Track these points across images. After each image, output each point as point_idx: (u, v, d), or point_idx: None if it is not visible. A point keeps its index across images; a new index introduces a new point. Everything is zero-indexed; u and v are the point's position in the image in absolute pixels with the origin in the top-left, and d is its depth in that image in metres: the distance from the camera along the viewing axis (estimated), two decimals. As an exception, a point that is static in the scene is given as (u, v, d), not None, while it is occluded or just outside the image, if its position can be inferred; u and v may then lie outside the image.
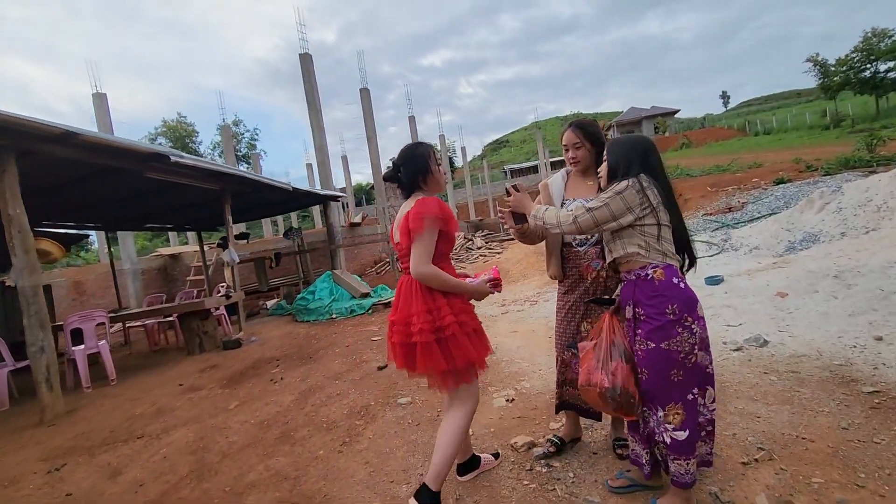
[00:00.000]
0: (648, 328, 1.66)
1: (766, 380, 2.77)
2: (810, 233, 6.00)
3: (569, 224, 1.75)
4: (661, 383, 1.65)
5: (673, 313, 1.63)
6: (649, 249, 1.70)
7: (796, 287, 4.02)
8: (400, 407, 3.32)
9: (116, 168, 5.15)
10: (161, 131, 38.30)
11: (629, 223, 1.70)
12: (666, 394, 1.65)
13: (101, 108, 11.71)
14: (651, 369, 1.67)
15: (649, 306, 1.67)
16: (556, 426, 2.63)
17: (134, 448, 3.31)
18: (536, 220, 1.88)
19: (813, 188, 8.69)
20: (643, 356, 1.68)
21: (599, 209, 1.70)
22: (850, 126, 27.78)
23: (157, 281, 13.21)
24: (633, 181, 1.70)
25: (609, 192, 1.71)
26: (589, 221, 1.72)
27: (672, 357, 1.62)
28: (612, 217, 1.69)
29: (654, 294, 1.67)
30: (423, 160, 1.97)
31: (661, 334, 1.63)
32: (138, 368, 6.01)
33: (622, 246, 1.74)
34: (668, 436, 1.64)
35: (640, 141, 1.83)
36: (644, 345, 1.67)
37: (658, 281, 1.67)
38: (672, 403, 1.64)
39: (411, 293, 1.90)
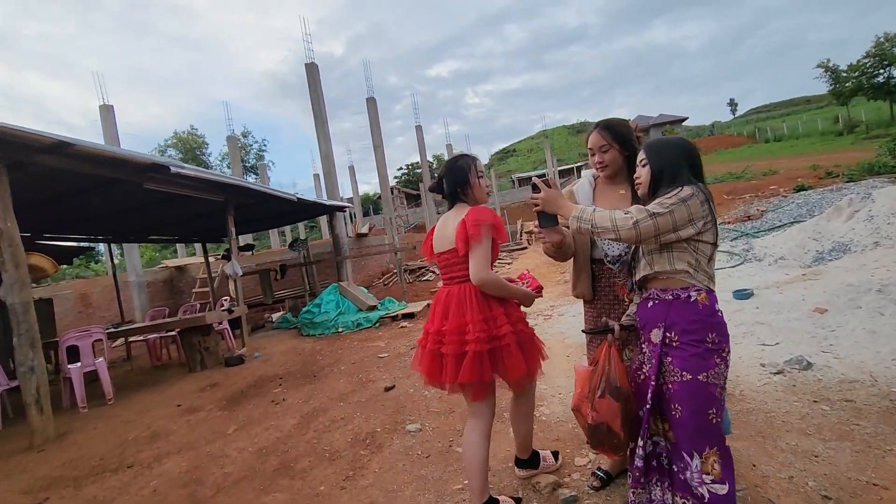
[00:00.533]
0: (685, 356, 1.45)
1: (818, 410, 2.48)
2: (840, 242, 5.68)
3: (627, 229, 1.44)
4: (698, 423, 1.44)
5: (713, 342, 1.45)
6: (698, 270, 1.49)
7: (836, 302, 3.72)
8: (409, 435, 3.06)
9: (115, 179, 4.98)
10: (171, 143, 38.64)
11: (688, 237, 1.47)
12: (702, 436, 1.43)
13: (108, 119, 11.69)
14: (687, 406, 1.45)
15: (689, 332, 1.46)
16: (583, 462, 2.35)
17: (123, 479, 3.07)
18: (580, 224, 1.50)
19: (838, 195, 8.36)
20: (677, 389, 1.46)
21: (663, 216, 1.43)
22: (864, 132, 27.28)
23: (163, 293, 13.08)
24: (696, 189, 1.47)
25: (672, 197, 1.46)
26: (650, 229, 1.43)
27: (710, 392, 1.43)
28: (674, 227, 1.45)
29: (695, 319, 1.46)
30: (463, 172, 2.00)
31: (699, 364, 1.43)
32: (138, 386, 5.79)
33: (669, 261, 1.49)
34: (707, 489, 1.41)
35: (684, 143, 1.61)
36: (678, 376, 1.46)
37: (702, 305, 1.47)
38: (709, 449, 1.42)
39: (465, 302, 1.89)
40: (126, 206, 6.72)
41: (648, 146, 1.61)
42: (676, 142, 1.60)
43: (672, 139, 1.62)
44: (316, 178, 31.28)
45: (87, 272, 29.32)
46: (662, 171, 1.53)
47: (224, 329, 7.10)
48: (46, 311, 7.25)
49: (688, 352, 1.45)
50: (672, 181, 1.51)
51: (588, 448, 2.48)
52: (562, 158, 56.79)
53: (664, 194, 1.48)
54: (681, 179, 1.50)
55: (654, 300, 1.56)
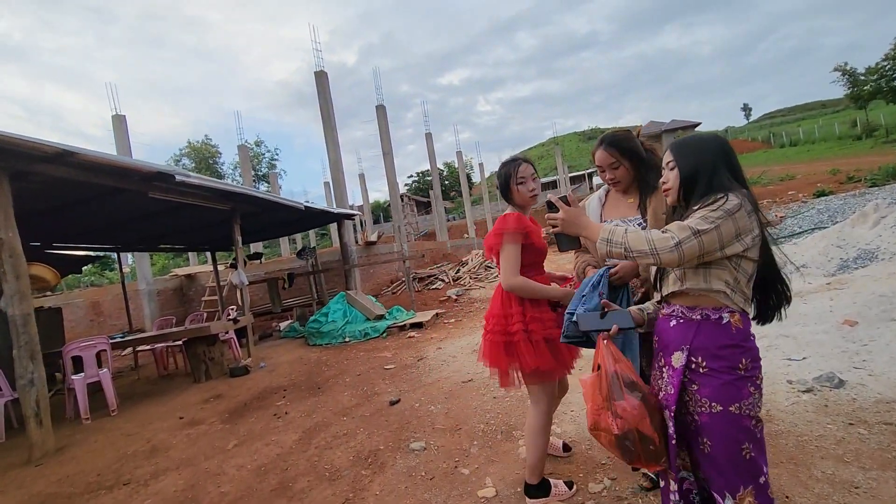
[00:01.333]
0: (715, 385, 1.28)
1: (855, 434, 2.28)
2: (866, 249, 5.44)
3: (668, 251, 1.23)
4: (730, 460, 1.27)
5: (745, 369, 1.27)
6: (736, 291, 1.29)
7: (867, 314, 3.50)
8: (412, 454, 2.92)
9: (120, 188, 4.94)
10: (185, 152, 39.17)
11: (734, 254, 1.27)
12: (736, 474, 1.26)
13: (121, 129, 11.81)
14: (717, 440, 1.28)
15: (719, 358, 1.28)
16: (598, 488, 2.19)
17: (118, 497, 2.97)
18: (612, 247, 1.30)
19: (860, 200, 8.08)
20: (706, 422, 1.29)
21: (709, 233, 1.23)
22: (884, 136, 26.68)
23: (172, 302, 13.12)
24: (741, 198, 1.27)
25: (717, 210, 1.25)
26: (694, 249, 1.23)
27: (744, 424, 1.26)
28: (720, 246, 1.25)
29: (729, 344, 1.28)
30: (504, 179, 2.12)
31: (730, 394, 1.26)
32: (143, 396, 5.73)
33: (705, 278, 1.30)
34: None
35: (719, 141, 1.39)
36: (707, 407, 1.29)
37: (735, 328, 1.29)
38: (743, 489, 1.25)
39: (495, 298, 2.14)
40: (134, 215, 6.71)
41: (677, 146, 1.41)
42: (710, 139, 1.39)
43: (705, 136, 1.42)
44: (327, 186, 31.44)
45: (101, 280, 29.72)
46: (695, 174, 1.34)
47: (230, 338, 7.03)
48: (56, 320, 7.26)
49: (719, 380, 1.28)
50: (709, 187, 1.31)
51: (604, 472, 2.32)
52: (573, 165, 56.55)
53: (703, 203, 1.29)
54: (719, 185, 1.31)
55: (679, 319, 1.38)
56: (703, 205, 1.28)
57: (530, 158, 2.16)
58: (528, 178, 2.10)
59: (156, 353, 7.07)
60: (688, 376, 1.33)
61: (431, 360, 5.29)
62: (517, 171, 2.09)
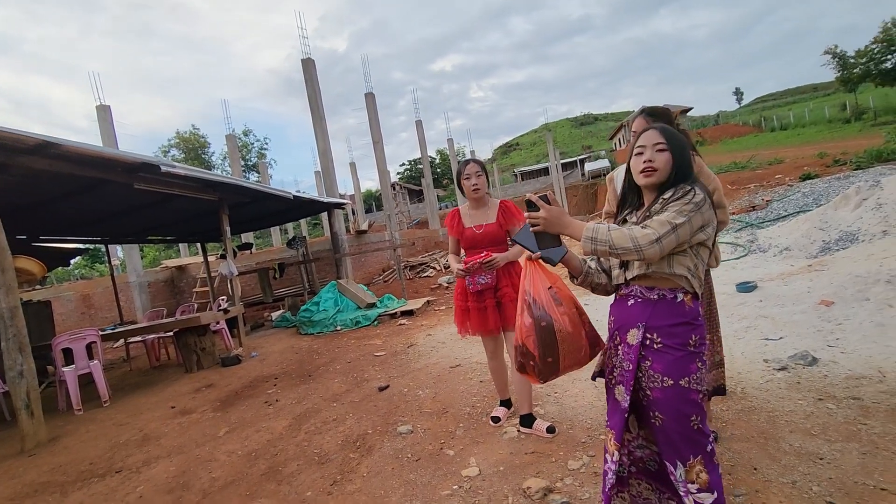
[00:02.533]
0: (668, 361, 1.35)
1: (823, 408, 2.36)
2: (847, 231, 5.53)
3: (650, 246, 1.28)
4: (681, 431, 1.34)
5: (695, 345, 1.36)
6: (694, 276, 1.38)
7: (843, 294, 3.59)
8: (400, 437, 2.98)
9: (104, 180, 4.91)
10: (174, 143, 38.66)
11: (697, 242, 1.36)
12: (686, 444, 1.34)
13: (105, 120, 11.62)
14: (669, 414, 1.36)
15: (672, 335, 1.36)
16: (576, 465, 2.26)
17: (110, 485, 3.01)
18: (596, 245, 1.31)
19: (845, 183, 8.18)
20: (658, 396, 1.37)
21: (683, 227, 1.30)
22: (872, 119, 26.86)
23: (163, 293, 13.09)
24: (703, 192, 1.35)
25: (689, 203, 1.32)
26: (672, 243, 1.30)
27: (692, 398, 1.34)
28: (690, 236, 1.33)
29: (682, 321, 1.36)
30: (456, 175, 2.76)
31: (680, 369, 1.34)
32: (135, 387, 5.76)
33: (669, 264, 1.37)
34: (693, 500, 1.32)
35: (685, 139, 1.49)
36: (659, 381, 1.36)
37: (688, 307, 1.37)
38: (693, 457, 1.33)
39: None
40: (122, 207, 6.67)
41: (668, 132, 1.42)
42: (681, 136, 1.47)
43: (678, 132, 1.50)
44: (317, 174, 31.21)
45: (92, 273, 29.51)
46: (682, 163, 1.40)
47: (221, 329, 7.06)
48: (45, 313, 7.24)
49: (671, 356, 1.35)
50: (685, 178, 1.39)
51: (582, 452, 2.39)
52: (565, 151, 56.48)
53: (674, 196, 1.34)
54: (691, 177, 1.39)
55: (636, 298, 1.44)
56: (675, 197, 1.34)
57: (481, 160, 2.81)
58: (472, 175, 2.63)
59: (147, 345, 7.08)
60: (643, 353, 1.40)
61: (421, 346, 5.36)
62: (464, 170, 2.66)
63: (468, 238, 2.70)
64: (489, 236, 2.66)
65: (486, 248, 2.64)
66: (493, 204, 2.72)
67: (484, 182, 2.69)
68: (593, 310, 5.27)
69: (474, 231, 2.69)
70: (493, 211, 2.69)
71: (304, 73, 11.49)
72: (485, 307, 2.62)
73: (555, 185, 28.47)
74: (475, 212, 2.73)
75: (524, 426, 2.69)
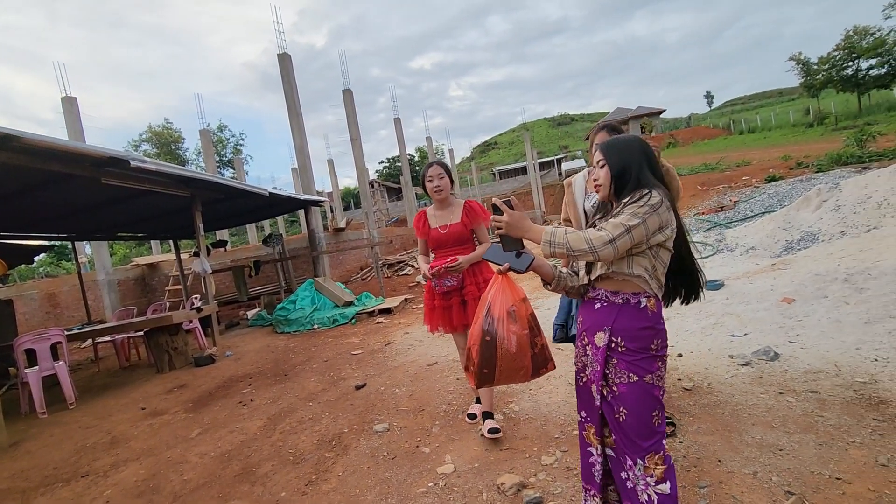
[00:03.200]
0: (630, 360, 1.43)
1: (783, 402, 2.47)
2: (809, 232, 5.77)
3: (605, 247, 1.34)
4: (642, 427, 1.41)
5: (657, 349, 1.43)
6: (652, 277, 1.43)
7: (803, 292, 3.75)
8: (376, 435, 2.98)
9: (70, 174, 4.74)
10: (146, 137, 37.47)
11: (656, 243, 1.40)
12: (646, 439, 1.41)
13: (72, 112, 11.16)
14: (631, 408, 1.42)
15: (635, 339, 1.42)
16: (550, 461, 2.31)
17: (75, 490, 2.93)
18: (554, 248, 1.38)
19: (807, 185, 8.51)
20: (624, 392, 1.43)
21: (637, 228, 1.34)
22: (833, 123, 27.96)
23: (134, 292, 12.71)
24: (662, 195, 1.39)
25: (644, 206, 1.36)
26: (627, 244, 1.35)
27: (654, 394, 1.41)
28: (646, 237, 1.37)
29: (645, 326, 1.42)
30: (421, 177, 2.81)
31: (644, 367, 1.41)
32: (103, 389, 5.59)
33: (628, 264, 1.42)
34: (652, 492, 1.38)
35: (640, 141, 1.52)
36: (625, 377, 1.42)
37: (651, 312, 1.43)
38: (653, 452, 1.40)
39: None
40: (89, 203, 6.45)
41: (606, 147, 1.52)
42: (633, 140, 1.52)
43: (628, 137, 1.54)
44: (294, 171, 30.74)
45: (58, 271, 28.37)
46: (623, 171, 1.46)
47: (195, 328, 6.90)
48: (6, 312, 6.96)
49: (635, 357, 1.42)
50: (637, 183, 1.43)
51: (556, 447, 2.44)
52: (542, 151, 57.01)
53: (631, 199, 1.40)
54: (645, 181, 1.43)
55: (603, 302, 1.50)
56: (632, 200, 1.39)
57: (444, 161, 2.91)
58: (435, 177, 2.72)
59: (116, 345, 6.87)
60: (609, 353, 1.46)
61: (398, 344, 5.35)
62: (427, 172, 2.75)
63: (434, 239, 2.77)
64: (454, 236, 2.72)
65: (451, 247, 2.74)
66: (458, 204, 2.78)
67: (447, 183, 2.74)
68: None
69: (439, 231, 2.75)
70: (457, 211, 2.75)
71: (281, 69, 11.29)
72: (450, 305, 2.72)
73: (532, 185, 28.75)
74: (440, 212, 2.80)
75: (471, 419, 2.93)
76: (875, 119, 23.56)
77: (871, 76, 29.14)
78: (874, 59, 28.24)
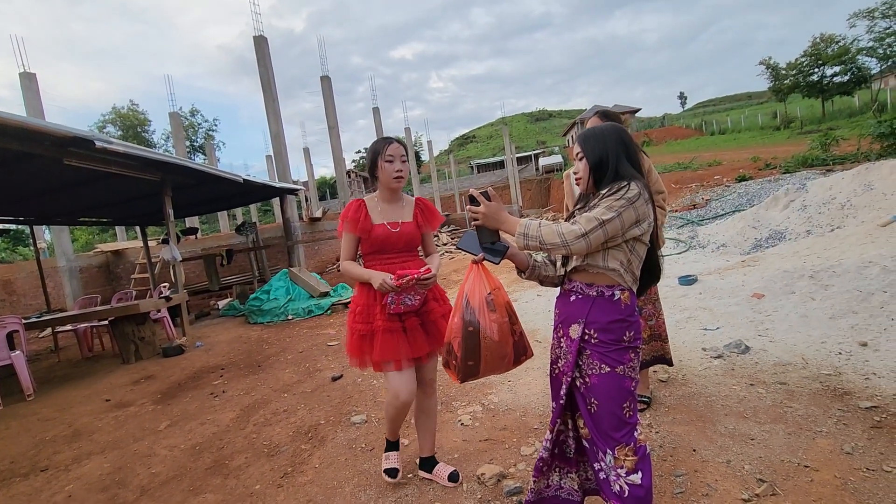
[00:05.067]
0: (603, 351, 1.42)
1: (754, 393, 2.55)
2: (776, 230, 5.97)
3: (577, 241, 1.32)
4: (613, 418, 1.40)
5: (629, 340, 1.43)
6: (627, 270, 1.42)
7: (772, 288, 3.88)
8: (353, 427, 2.94)
9: (29, 154, 4.48)
10: (110, 119, 35.91)
11: (632, 237, 1.39)
12: (618, 430, 1.40)
13: (31, 89, 10.58)
14: (602, 399, 1.41)
15: (608, 331, 1.42)
16: (529, 451, 2.31)
17: (34, 485, 2.79)
18: (527, 241, 1.38)
19: (775, 186, 8.81)
20: (595, 382, 1.43)
21: (612, 221, 1.33)
22: (798, 127, 29.03)
23: (98, 280, 12.21)
24: (640, 188, 1.37)
25: (620, 199, 1.35)
26: (600, 237, 1.33)
27: (625, 386, 1.41)
28: (622, 231, 1.36)
29: (617, 319, 1.42)
30: (373, 154, 2.05)
31: (616, 358, 1.41)
32: (64, 380, 5.35)
33: (604, 258, 1.41)
34: (623, 483, 1.38)
35: (618, 130, 1.49)
36: (597, 368, 1.42)
37: (624, 304, 1.42)
38: (624, 444, 1.39)
39: None
40: (50, 185, 6.11)
41: (583, 138, 1.50)
42: (611, 130, 1.49)
43: (605, 127, 1.51)
44: (269, 159, 30.04)
45: (14, 257, 27.03)
46: (601, 162, 1.44)
47: (163, 318, 6.68)
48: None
49: (607, 348, 1.42)
50: (616, 174, 1.42)
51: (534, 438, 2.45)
52: (520, 146, 57.37)
53: (609, 191, 1.38)
54: (624, 172, 1.41)
55: (578, 294, 1.49)
56: (610, 192, 1.37)
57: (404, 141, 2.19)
58: (397, 158, 2.02)
59: (78, 334, 6.58)
60: (582, 345, 1.46)
61: (376, 336, 5.30)
62: (386, 149, 2.00)
63: (378, 238, 2.04)
64: (406, 237, 2.08)
65: (399, 252, 2.09)
66: (409, 201, 2.19)
67: (408, 169, 2.12)
68: (546, 300, 5.40)
69: (388, 229, 2.05)
70: (408, 208, 2.16)
71: (257, 51, 10.97)
72: (400, 328, 2.01)
73: (510, 179, 28.90)
74: (388, 206, 2.10)
75: (424, 470, 2.25)
76: (837, 124, 24.58)
77: (835, 83, 30.32)
78: (838, 66, 29.37)
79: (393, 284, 1.87)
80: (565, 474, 1.60)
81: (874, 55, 27.70)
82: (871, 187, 5.64)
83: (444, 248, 14.02)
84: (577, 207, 1.56)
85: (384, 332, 1.96)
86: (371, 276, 1.94)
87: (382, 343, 1.96)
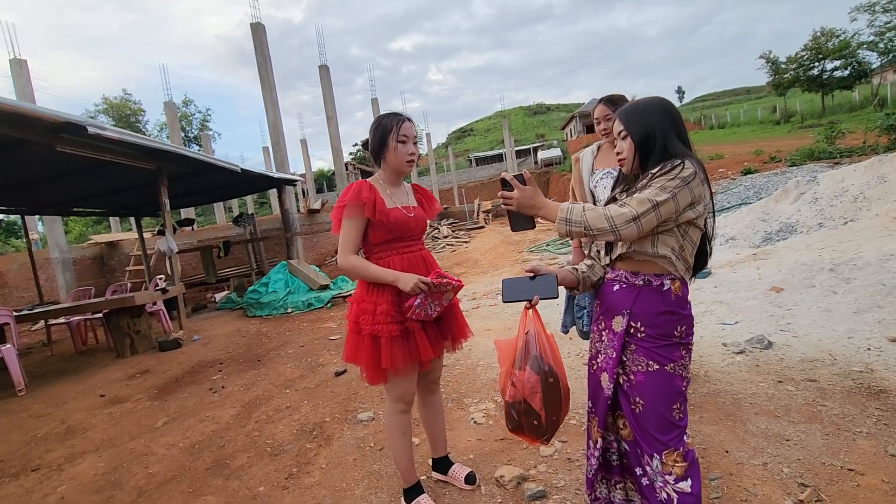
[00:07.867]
0: (650, 347, 1.28)
1: (784, 390, 2.43)
2: (787, 223, 5.85)
3: (627, 226, 1.18)
4: (660, 420, 1.27)
5: (680, 336, 1.29)
6: (679, 258, 1.28)
7: (791, 281, 3.76)
8: (360, 425, 2.82)
9: (20, 140, 4.30)
10: (102, 109, 35.39)
11: (685, 220, 1.24)
12: (665, 433, 1.27)
13: (21, 75, 10.33)
14: (649, 399, 1.28)
15: (656, 325, 1.28)
16: (549, 451, 2.19)
17: (24, 485, 2.65)
18: (571, 226, 1.22)
19: (782, 178, 8.70)
20: (641, 381, 1.29)
21: (665, 204, 1.19)
22: (799, 121, 28.95)
23: (91, 271, 12.02)
24: (696, 166, 1.23)
25: (674, 178, 1.20)
26: (652, 221, 1.20)
27: (675, 385, 1.28)
28: (675, 214, 1.22)
29: (666, 310, 1.28)
30: (382, 132, 1.77)
31: (665, 355, 1.27)
32: (57, 374, 5.20)
33: (652, 242, 1.27)
34: (671, 490, 1.25)
35: (663, 102, 1.34)
36: (643, 365, 1.29)
37: (675, 295, 1.28)
38: (672, 448, 1.26)
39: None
40: (43, 173, 5.93)
41: (625, 113, 1.34)
42: (655, 103, 1.33)
43: (649, 100, 1.35)
44: (265, 150, 29.74)
45: (6, 248, 26.70)
46: (648, 139, 1.29)
47: (159, 310, 6.52)
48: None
49: (654, 344, 1.28)
50: (664, 151, 1.27)
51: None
52: (518, 139, 57.17)
53: (661, 171, 1.24)
54: (674, 150, 1.26)
55: (622, 284, 1.35)
56: (662, 172, 1.23)
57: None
58: (410, 139, 1.79)
59: (72, 327, 6.41)
60: (627, 339, 1.32)
61: (379, 329, 5.17)
62: (399, 127, 1.75)
63: (398, 223, 1.78)
64: (421, 223, 1.90)
65: (415, 238, 1.89)
66: (406, 186, 1.98)
67: (418, 152, 1.91)
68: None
69: (404, 213, 1.82)
70: (410, 194, 1.96)
71: (254, 39, 10.73)
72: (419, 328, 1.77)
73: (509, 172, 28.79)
74: (395, 189, 1.88)
75: (438, 472, 2.13)
76: (837, 118, 24.50)
77: (835, 77, 30.19)
78: (839, 60, 29.24)
79: (431, 282, 1.65)
80: (613, 486, 1.47)
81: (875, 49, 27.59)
82: (884, 179, 5.53)
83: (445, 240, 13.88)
84: (618, 190, 1.42)
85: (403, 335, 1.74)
86: (397, 278, 1.67)
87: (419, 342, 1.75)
